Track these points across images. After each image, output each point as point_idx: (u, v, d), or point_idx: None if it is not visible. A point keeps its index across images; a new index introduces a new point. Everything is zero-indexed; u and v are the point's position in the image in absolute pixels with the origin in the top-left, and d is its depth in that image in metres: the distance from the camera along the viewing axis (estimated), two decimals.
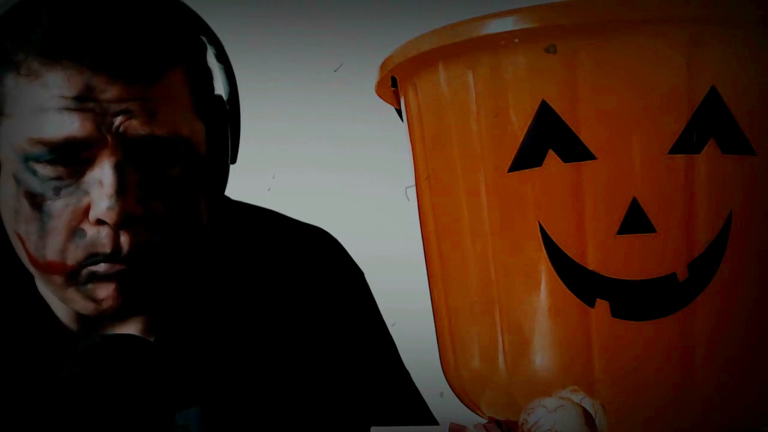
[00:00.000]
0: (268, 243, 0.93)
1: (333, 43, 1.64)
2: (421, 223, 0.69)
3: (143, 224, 0.76)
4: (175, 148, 0.77)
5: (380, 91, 0.72)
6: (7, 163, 0.78)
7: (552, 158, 0.57)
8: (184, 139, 0.78)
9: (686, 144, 0.55)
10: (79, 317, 0.86)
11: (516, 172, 0.59)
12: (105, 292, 0.77)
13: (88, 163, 0.76)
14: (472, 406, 0.66)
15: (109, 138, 0.74)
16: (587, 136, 0.56)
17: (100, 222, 0.75)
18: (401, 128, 0.74)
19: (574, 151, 0.56)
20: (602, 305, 0.56)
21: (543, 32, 0.57)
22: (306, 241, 0.96)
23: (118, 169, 0.74)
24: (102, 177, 0.75)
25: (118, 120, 0.74)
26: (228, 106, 0.84)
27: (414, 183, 0.70)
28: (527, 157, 0.58)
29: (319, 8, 1.59)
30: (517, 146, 0.58)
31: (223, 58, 0.83)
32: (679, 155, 0.55)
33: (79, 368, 0.81)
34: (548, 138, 0.57)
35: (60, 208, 0.76)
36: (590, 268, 0.57)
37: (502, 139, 0.59)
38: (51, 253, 0.77)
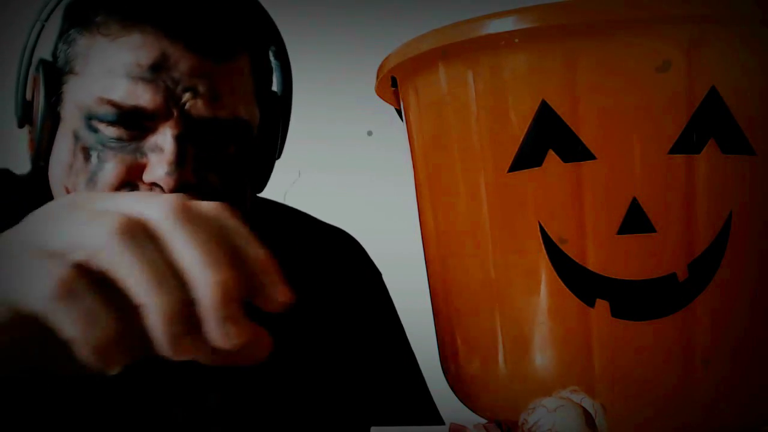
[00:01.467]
0: (292, 240, 0.94)
1: (334, 43, 1.65)
2: (421, 224, 0.69)
3: (195, 195, 0.75)
4: (233, 129, 0.80)
5: (380, 92, 0.72)
6: (68, 119, 0.79)
7: (552, 158, 0.57)
8: (243, 121, 0.81)
9: (686, 144, 0.55)
10: None
11: (516, 172, 0.58)
12: None
13: (150, 130, 0.78)
14: (472, 406, 0.66)
15: (175, 112, 0.77)
16: (587, 136, 0.56)
17: (153, 185, 0.77)
18: (401, 128, 0.74)
19: (574, 151, 0.56)
20: (602, 305, 0.56)
21: (543, 32, 0.56)
22: (328, 240, 0.97)
23: (179, 141, 0.77)
24: (163, 144, 0.77)
25: (185, 97, 0.77)
26: (281, 103, 0.86)
27: (414, 184, 0.70)
28: (527, 157, 0.58)
29: (321, 7, 1.59)
30: (517, 146, 0.58)
31: (282, 55, 0.86)
32: (679, 155, 0.55)
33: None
34: (548, 138, 0.57)
35: (115, 164, 0.78)
36: (590, 268, 0.56)
37: (502, 139, 0.59)
38: None
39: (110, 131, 0.77)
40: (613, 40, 0.56)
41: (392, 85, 0.70)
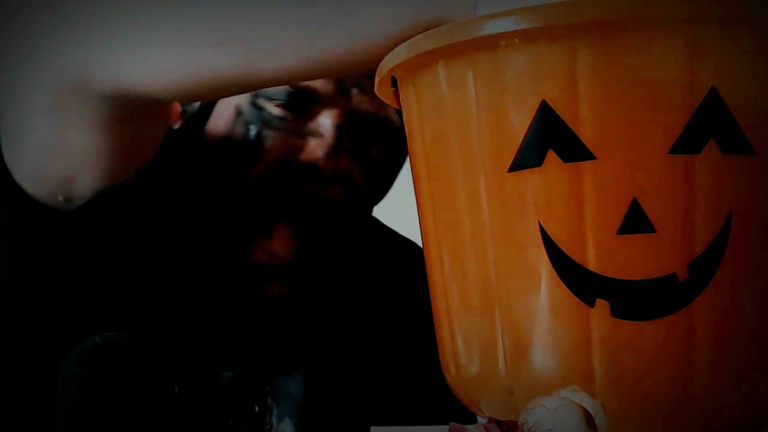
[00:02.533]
0: (367, 245, 0.97)
1: None
2: (421, 224, 0.69)
3: (340, 185, 0.84)
4: (384, 130, 0.86)
5: (381, 91, 0.72)
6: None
7: (552, 158, 0.57)
8: (392, 126, 0.87)
9: (686, 144, 0.55)
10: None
11: (516, 172, 0.58)
12: (283, 228, 0.79)
13: (311, 116, 0.82)
14: (472, 406, 0.66)
15: (341, 103, 0.83)
16: (587, 135, 0.56)
17: (310, 165, 0.83)
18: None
19: (574, 151, 0.56)
20: (602, 305, 0.56)
21: (544, 32, 0.56)
22: (398, 249, 0.99)
23: (339, 129, 0.79)
24: (323, 130, 0.83)
25: (354, 91, 0.82)
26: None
27: (413, 183, 0.70)
28: (527, 157, 0.58)
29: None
30: (517, 146, 0.58)
31: None
32: (679, 155, 0.55)
33: (80, 368, 0.82)
34: (548, 138, 0.57)
35: (273, 140, 0.82)
36: (590, 268, 0.56)
37: (502, 138, 0.59)
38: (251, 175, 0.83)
39: (275, 110, 0.81)
40: (614, 40, 0.56)
41: (392, 85, 0.70)
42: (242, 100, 0.83)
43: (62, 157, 0.77)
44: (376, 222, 1.04)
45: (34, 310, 0.84)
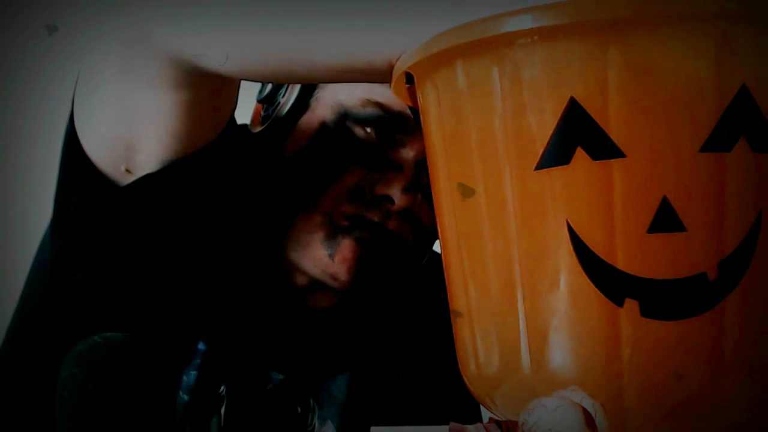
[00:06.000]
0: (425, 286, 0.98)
1: None
2: (439, 224, 0.68)
3: (411, 223, 0.83)
4: None
5: (396, 89, 0.71)
6: (319, 110, 0.84)
7: (581, 156, 0.56)
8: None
9: (717, 142, 0.55)
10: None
11: (543, 170, 0.58)
12: (346, 250, 0.79)
13: (395, 147, 0.80)
14: (491, 406, 0.66)
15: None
16: (617, 133, 0.56)
17: (384, 199, 0.82)
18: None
19: (604, 148, 0.56)
20: (631, 305, 0.56)
21: (575, 29, 0.56)
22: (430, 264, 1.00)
23: (419, 165, 0.79)
24: (404, 163, 0.81)
25: None
26: None
27: (431, 182, 0.70)
28: (555, 155, 0.57)
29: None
30: (545, 144, 0.57)
31: None
32: (709, 153, 0.55)
33: (80, 368, 0.81)
34: (577, 135, 0.56)
35: (353, 165, 0.82)
36: (619, 268, 0.56)
37: (528, 136, 0.58)
38: (326, 200, 0.82)
39: (361, 133, 0.79)
40: (644, 37, 0.55)
41: (408, 82, 0.69)
42: (329, 118, 0.82)
43: (126, 119, 0.76)
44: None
45: (87, 292, 0.82)
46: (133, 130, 0.78)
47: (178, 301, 0.84)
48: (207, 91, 0.76)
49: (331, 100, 0.83)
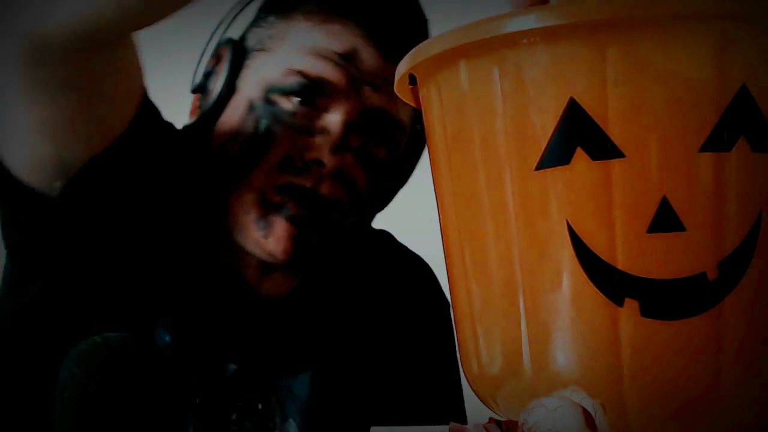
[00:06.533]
0: (374, 255, 0.97)
1: None
2: (441, 224, 0.68)
3: (343, 184, 0.85)
4: (393, 131, 0.87)
5: (399, 89, 0.71)
6: (245, 90, 0.88)
7: (580, 156, 0.57)
8: (404, 128, 0.88)
9: (717, 142, 0.55)
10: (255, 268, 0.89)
11: (543, 170, 0.58)
12: (278, 233, 0.81)
13: (321, 112, 0.82)
14: (493, 406, 0.66)
15: (352, 99, 0.84)
16: (616, 133, 0.56)
17: (314, 162, 0.84)
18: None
19: (603, 149, 0.56)
20: (631, 304, 0.56)
21: (572, 29, 0.56)
22: (406, 265, 0.99)
23: (348, 126, 0.80)
24: (332, 128, 0.84)
25: (365, 88, 0.84)
26: (420, 140, 0.93)
27: (433, 182, 0.70)
28: (555, 155, 0.57)
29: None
30: (545, 144, 0.58)
31: None
32: (709, 153, 0.55)
33: (80, 368, 0.81)
34: (577, 136, 0.57)
35: (281, 135, 0.84)
36: (619, 267, 0.56)
37: (529, 137, 0.59)
38: (257, 174, 0.84)
39: (286, 104, 0.82)
40: (643, 37, 0.55)
41: (411, 83, 0.69)
42: (255, 95, 0.84)
43: (40, 130, 0.78)
44: (386, 235, 1.03)
45: (40, 305, 0.84)
46: (48, 138, 0.79)
47: (132, 300, 0.85)
48: (99, 84, 0.77)
49: (256, 77, 0.84)
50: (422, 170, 0.84)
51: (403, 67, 0.68)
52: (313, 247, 0.86)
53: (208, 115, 0.88)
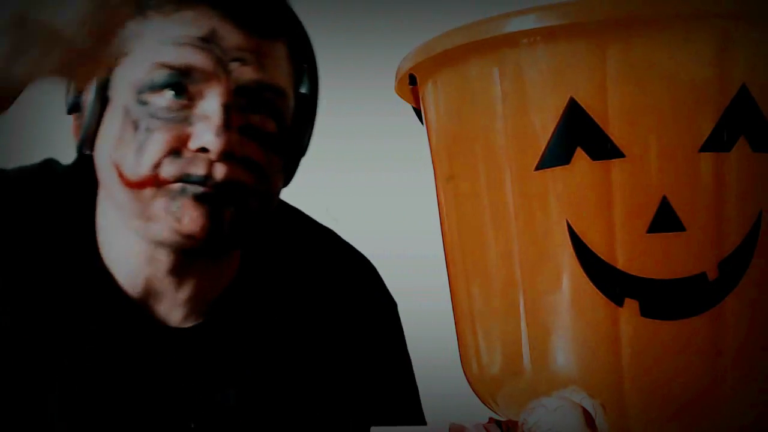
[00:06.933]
0: (315, 255, 0.96)
1: (346, 42, 1.64)
2: (442, 224, 0.68)
3: (238, 164, 0.82)
4: (275, 100, 0.85)
5: (399, 90, 0.71)
6: (118, 98, 0.84)
7: (580, 156, 0.57)
8: (285, 94, 0.85)
9: (717, 142, 0.55)
10: (140, 289, 0.86)
11: (543, 170, 0.58)
12: (191, 213, 0.81)
13: (196, 99, 0.82)
14: (493, 406, 0.66)
15: (223, 78, 0.82)
16: (616, 134, 0.56)
17: (201, 150, 0.81)
18: (415, 126, 0.74)
19: (603, 149, 0.56)
20: (631, 304, 0.56)
21: (572, 29, 0.56)
22: (348, 263, 0.98)
23: (226, 108, 0.81)
24: (210, 112, 0.81)
25: (233, 65, 0.82)
26: (310, 103, 0.90)
27: (434, 183, 0.70)
28: (555, 155, 0.57)
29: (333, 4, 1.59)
30: (545, 144, 0.58)
31: (311, 59, 0.90)
32: (709, 153, 0.55)
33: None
34: (577, 136, 0.57)
35: (163, 132, 0.81)
36: (619, 267, 0.56)
37: (528, 137, 0.59)
38: (145, 167, 0.81)
39: (159, 101, 0.81)
40: (644, 37, 0.56)
41: (410, 83, 0.69)
42: (128, 100, 0.82)
43: None
44: (329, 234, 1.00)
45: None
46: None
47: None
48: None
49: (124, 82, 0.84)
50: (422, 170, 0.83)
51: (403, 68, 0.68)
52: (230, 224, 0.84)
53: (87, 132, 0.87)
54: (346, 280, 0.97)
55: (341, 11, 1.64)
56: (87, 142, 0.86)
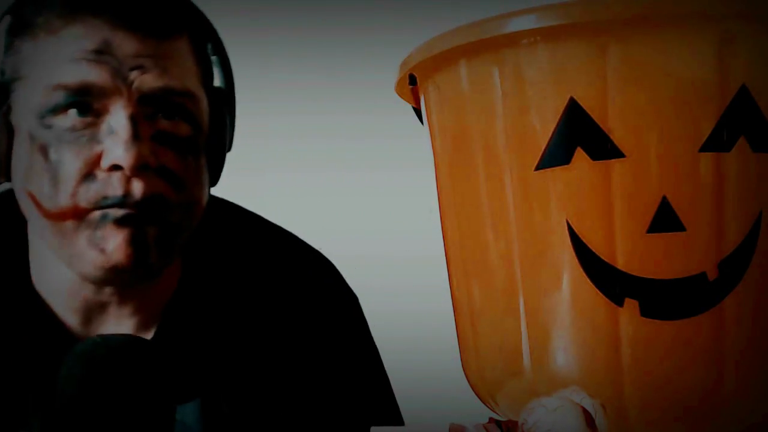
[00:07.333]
0: (264, 255, 0.94)
1: (347, 41, 1.64)
2: (443, 224, 0.68)
3: (155, 175, 0.79)
4: (185, 103, 0.81)
5: (399, 90, 0.71)
6: (22, 123, 0.81)
7: (580, 156, 0.57)
8: (193, 95, 0.82)
9: (717, 142, 0.55)
10: (80, 310, 0.85)
11: (543, 170, 0.58)
12: (115, 240, 0.78)
13: (102, 115, 0.79)
14: (493, 405, 0.66)
15: (125, 90, 0.78)
16: (617, 133, 0.56)
17: (114, 168, 0.78)
18: (415, 126, 0.74)
19: (603, 149, 0.56)
20: (631, 304, 0.56)
21: (572, 29, 0.56)
22: (303, 260, 0.96)
23: (133, 119, 0.78)
24: (117, 126, 0.78)
25: (133, 74, 0.78)
26: (226, 97, 0.87)
27: (434, 183, 0.70)
28: (555, 155, 0.57)
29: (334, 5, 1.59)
30: (545, 144, 0.58)
31: (220, 50, 0.87)
32: (709, 153, 0.55)
33: (80, 368, 0.81)
34: (577, 136, 0.57)
35: (73, 156, 0.78)
36: (619, 267, 0.56)
37: (529, 137, 0.59)
38: (63, 198, 0.79)
39: (64, 122, 0.78)
40: (643, 37, 0.56)
41: (410, 83, 0.69)
42: (32, 125, 0.79)
43: None
44: (284, 234, 0.98)
45: None
46: None
47: None
48: None
49: (25, 108, 0.81)
50: (422, 170, 0.82)
51: (403, 68, 0.68)
52: (156, 245, 0.82)
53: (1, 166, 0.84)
54: (301, 275, 0.95)
55: (341, 11, 1.64)
56: (1, 172, 0.83)
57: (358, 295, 0.99)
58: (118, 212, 0.78)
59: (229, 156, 0.90)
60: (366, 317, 0.98)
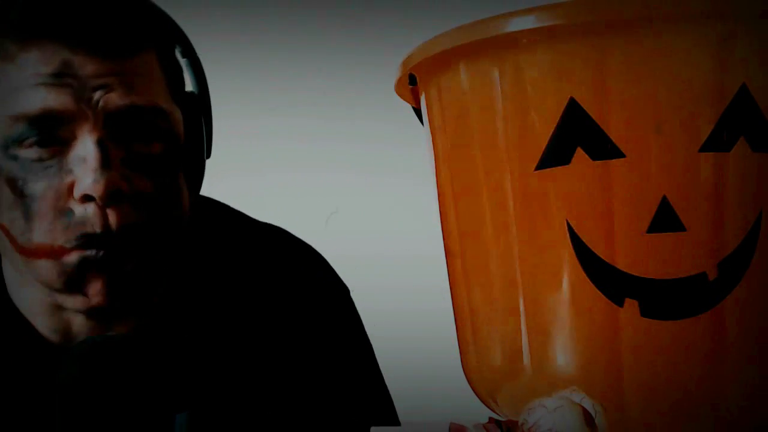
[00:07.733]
0: (252, 252, 0.93)
1: (347, 41, 1.64)
2: (443, 223, 0.69)
3: (129, 202, 0.76)
4: (155, 121, 0.77)
5: (399, 90, 0.71)
6: None
7: (580, 156, 0.57)
8: (163, 111, 0.78)
9: (717, 142, 0.55)
10: (61, 327, 0.85)
11: (543, 170, 0.58)
12: (94, 286, 0.76)
13: (69, 142, 0.75)
14: (493, 404, 0.66)
15: (90, 113, 0.74)
16: (616, 133, 0.56)
17: (86, 198, 0.75)
18: (415, 126, 0.74)
19: (603, 149, 0.56)
20: (631, 305, 0.56)
21: (572, 29, 0.56)
22: (292, 255, 0.95)
23: (101, 144, 0.74)
24: (85, 154, 0.74)
25: (97, 95, 0.74)
26: (200, 101, 0.83)
27: (435, 183, 0.70)
28: (555, 155, 0.57)
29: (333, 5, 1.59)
30: (545, 144, 0.58)
31: (190, 53, 0.83)
32: (709, 153, 0.55)
33: (79, 368, 0.81)
34: (576, 136, 0.57)
35: (43, 189, 0.75)
36: (619, 267, 0.56)
37: (529, 137, 0.59)
38: (39, 235, 0.76)
39: (29, 152, 0.75)
40: (643, 37, 0.56)
41: (410, 83, 0.69)
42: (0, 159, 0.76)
43: None
44: (275, 230, 0.97)
45: None
46: None
47: None
48: None
49: None
50: (422, 170, 0.82)
51: (403, 68, 0.68)
52: (138, 280, 0.81)
53: None
54: (291, 269, 0.94)
55: (341, 11, 1.64)
56: None
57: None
58: (97, 254, 0.75)
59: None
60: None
